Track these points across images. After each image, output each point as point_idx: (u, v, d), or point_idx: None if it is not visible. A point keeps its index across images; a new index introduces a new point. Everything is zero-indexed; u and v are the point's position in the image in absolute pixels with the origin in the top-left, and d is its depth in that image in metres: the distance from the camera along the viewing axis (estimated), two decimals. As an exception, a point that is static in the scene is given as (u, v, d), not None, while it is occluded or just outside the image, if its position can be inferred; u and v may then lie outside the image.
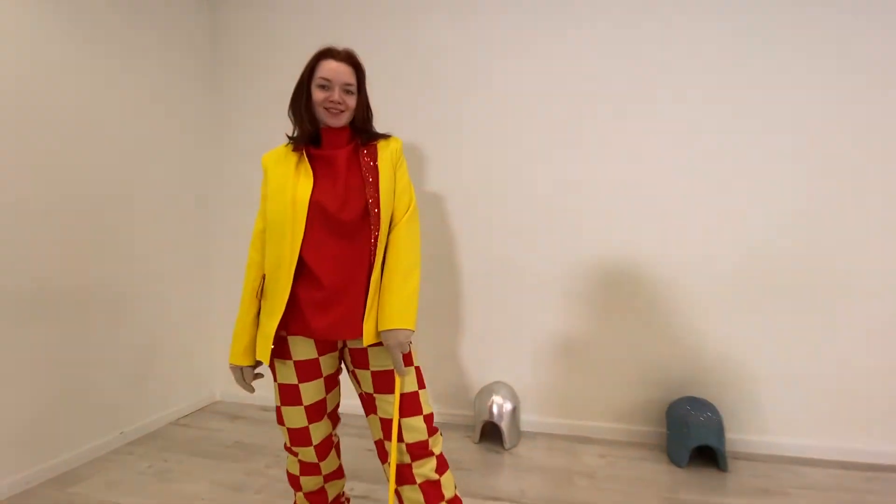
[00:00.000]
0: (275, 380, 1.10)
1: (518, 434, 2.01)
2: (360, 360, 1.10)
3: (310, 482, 1.17)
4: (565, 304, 2.08)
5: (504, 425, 1.94)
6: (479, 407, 2.00)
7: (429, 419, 1.09)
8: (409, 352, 1.09)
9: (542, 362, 2.12)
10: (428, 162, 2.24)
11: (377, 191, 1.07)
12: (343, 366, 1.18)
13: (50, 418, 1.75)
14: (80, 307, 1.85)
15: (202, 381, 2.52)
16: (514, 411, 1.98)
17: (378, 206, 1.06)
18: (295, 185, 1.05)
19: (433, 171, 2.24)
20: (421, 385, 1.11)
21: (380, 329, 1.03)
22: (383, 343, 1.03)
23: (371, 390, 1.10)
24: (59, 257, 1.77)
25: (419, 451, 1.06)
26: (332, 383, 1.14)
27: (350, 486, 1.62)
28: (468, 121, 2.17)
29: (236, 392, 2.56)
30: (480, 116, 2.16)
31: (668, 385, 2.00)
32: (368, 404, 1.11)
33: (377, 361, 1.08)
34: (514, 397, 2.01)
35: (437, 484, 1.06)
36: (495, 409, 1.95)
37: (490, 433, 2.09)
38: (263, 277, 1.09)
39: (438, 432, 1.12)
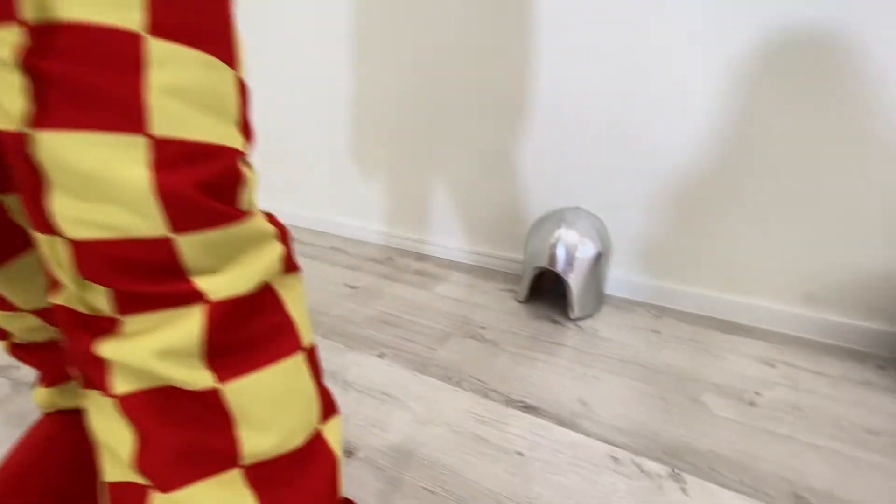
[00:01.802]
0: None
1: (599, 298, 1.15)
2: None
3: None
4: (719, 78, 0.98)
5: (573, 279, 1.07)
6: (534, 246, 1.14)
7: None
8: None
9: (664, 187, 1.13)
10: None
11: None
12: None
13: None
14: None
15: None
16: (598, 260, 1.09)
17: None
18: None
19: None
20: None
21: None
22: None
23: None
24: None
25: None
26: None
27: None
28: None
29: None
30: None
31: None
32: None
33: None
34: (599, 236, 1.10)
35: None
36: (561, 251, 1.07)
37: (549, 291, 1.26)
38: None
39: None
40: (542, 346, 0.97)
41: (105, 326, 0.27)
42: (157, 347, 0.26)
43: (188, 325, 0.27)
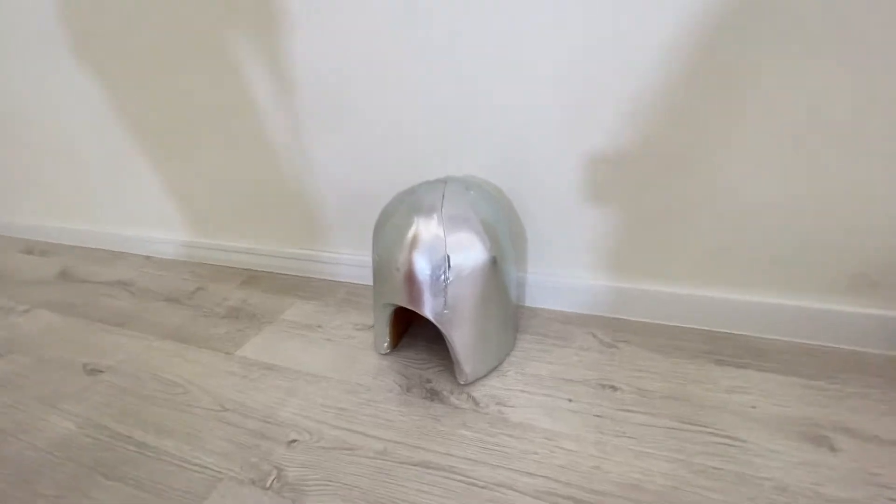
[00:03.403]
0: None
1: (511, 329, 0.67)
2: None
3: None
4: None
5: (453, 320, 0.58)
6: (381, 263, 0.63)
7: None
8: None
9: (599, 131, 0.63)
10: None
11: None
12: None
13: None
14: None
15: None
16: (495, 268, 0.60)
17: None
18: None
19: None
20: None
21: None
22: None
23: None
24: None
25: None
26: None
27: None
28: None
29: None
30: None
31: None
32: None
33: None
34: (488, 226, 0.60)
35: None
36: (423, 271, 0.57)
37: (429, 323, 0.77)
38: None
39: None
40: (389, 480, 0.50)
41: None
42: None
43: None
